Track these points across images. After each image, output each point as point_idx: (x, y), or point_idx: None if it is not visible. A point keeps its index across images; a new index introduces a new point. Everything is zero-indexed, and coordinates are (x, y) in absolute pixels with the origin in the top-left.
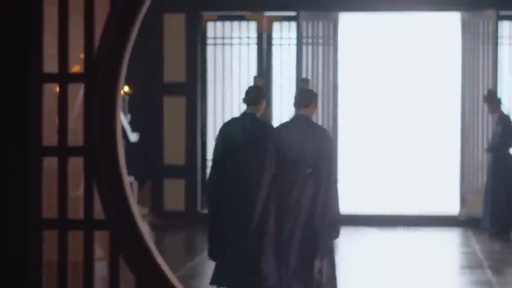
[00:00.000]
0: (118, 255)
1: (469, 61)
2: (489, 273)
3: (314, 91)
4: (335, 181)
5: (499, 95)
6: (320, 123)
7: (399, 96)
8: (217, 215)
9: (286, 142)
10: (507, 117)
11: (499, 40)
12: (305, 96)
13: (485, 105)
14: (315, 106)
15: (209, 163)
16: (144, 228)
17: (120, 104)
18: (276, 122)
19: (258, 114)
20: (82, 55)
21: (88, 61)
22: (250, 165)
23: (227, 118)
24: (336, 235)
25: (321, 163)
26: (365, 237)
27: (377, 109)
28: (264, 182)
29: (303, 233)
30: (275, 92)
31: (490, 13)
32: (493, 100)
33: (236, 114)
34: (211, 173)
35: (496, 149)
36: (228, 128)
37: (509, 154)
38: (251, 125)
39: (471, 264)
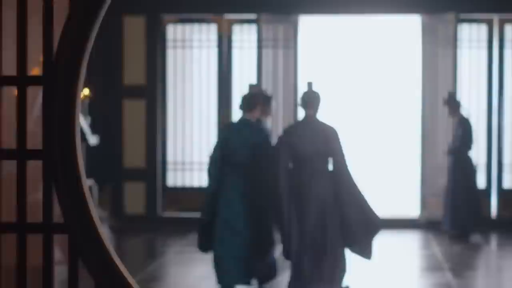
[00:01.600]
0: (77, 258)
1: (429, 64)
2: (449, 275)
3: (318, 92)
4: (354, 183)
5: (458, 98)
6: (280, 126)
7: (359, 99)
8: (212, 213)
9: (299, 140)
10: (467, 120)
11: (459, 43)
12: (310, 98)
13: (445, 108)
14: (318, 106)
15: (169, 166)
16: (104, 231)
17: (79, 107)
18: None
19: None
20: (41, 58)
21: (47, 63)
22: (249, 166)
23: (188, 121)
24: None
25: (336, 163)
26: None
27: (338, 112)
28: (280, 174)
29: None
30: (235, 95)
31: (450, 16)
32: (453, 103)
33: (197, 117)
34: (208, 173)
35: (456, 152)
36: (225, 132)
37: (469, 157)
38: (247, 129)
39: (432, 267)
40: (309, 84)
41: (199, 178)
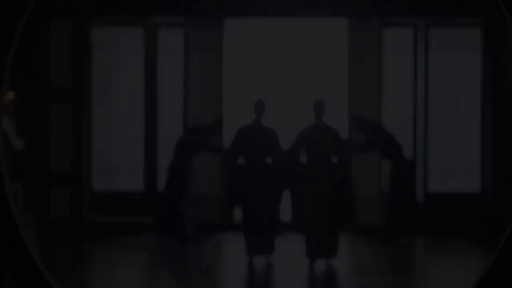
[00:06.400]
0: (1, 264)
1: (356, 68)
2: (376, 278)
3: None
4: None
5: (366, 116)
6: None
7: (287, 102)
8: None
9: (312, 138)
10: (384, 131)
11: (384, 47)
12: (320, 105)
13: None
14: (324, 112)
15: (96, 170)
16: (29, 236)
17: (3, 110)
18: (163, 130)
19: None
20: None
21: None
22: (260, 158)
23: (114, 123)
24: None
25: (340, 157)
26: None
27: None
28: (290, 162)
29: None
30: (162, 99)
31: (376, 20)
32: (361, 126)
33: (123, 121)
34: (225, 163)
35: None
36: (242, 132)
37: (408, 161)
38: (262, 129)
39: (358, 270)
40: (320, 97)
41: (126, 183)
